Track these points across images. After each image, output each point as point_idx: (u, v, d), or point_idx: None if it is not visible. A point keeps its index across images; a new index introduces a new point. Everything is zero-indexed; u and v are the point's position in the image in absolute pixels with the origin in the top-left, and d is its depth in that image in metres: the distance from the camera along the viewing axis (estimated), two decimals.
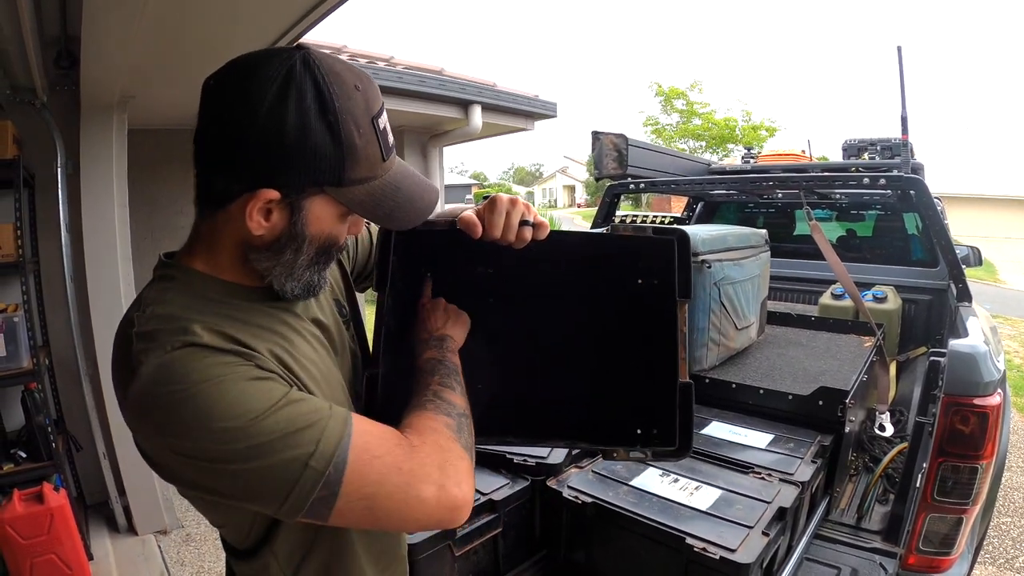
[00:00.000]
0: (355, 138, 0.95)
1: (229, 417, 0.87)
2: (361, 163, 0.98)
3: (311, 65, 0.94)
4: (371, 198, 1.02)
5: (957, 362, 2.19)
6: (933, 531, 2.22)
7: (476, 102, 5.62)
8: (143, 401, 0.90)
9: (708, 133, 25.17)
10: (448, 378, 1.15)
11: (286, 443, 0.89)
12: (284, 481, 0.89)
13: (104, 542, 4.09)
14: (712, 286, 2.75)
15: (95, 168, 3.89)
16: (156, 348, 0.91)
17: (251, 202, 0.95)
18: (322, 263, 1.08)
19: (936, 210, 3.46)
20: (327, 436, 0.91)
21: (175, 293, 1.00)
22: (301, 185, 0.96)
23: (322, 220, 1.01)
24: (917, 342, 4.26)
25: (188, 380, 0.88)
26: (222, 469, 0.89)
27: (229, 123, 0.94)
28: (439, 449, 1.00)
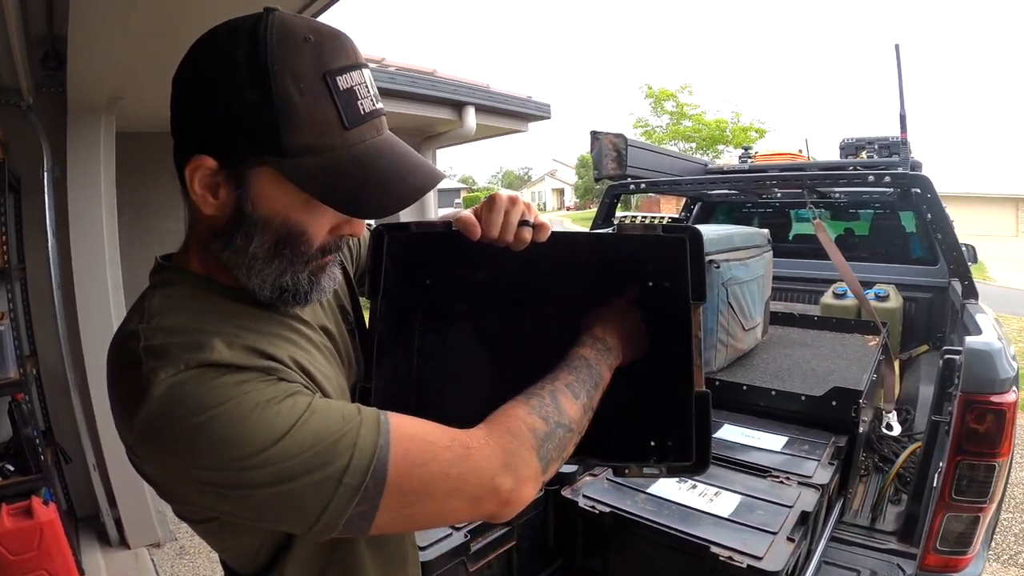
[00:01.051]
0: (292, 95, 0.80)
1: (254, 442, 0.77)
2: (304, 127, 0.81)
3: (261, 21, 0.82)
4: (325, 174, 0.83)
5: (973, 360, 2.16)
6: (950, 530, 2.19)
7: (470, 103, 5.58)
8: (156, 426, 0.78)
9: (698, 134, 25.39)
10: (579, 384, 1.07)
11: (316, 461, 0.79)
12: (317, 501, 0.79)
13: (96, 556, 4.01)
14: (720, 286, 2.71)
15: (82, 172, 3.81)
16: (168, 366, 0.79)
17: (188, 171, 0.84)
18: (285, 259, 0.90)
19: (942, 207, 3.45)
20: (361, 447, 0.81)
21: (181, 300, 0.90)
22: (237, 151, 0.83)
23: (273, 200, 0.86)
24: (918, 340, 4.25)
25: (207, 403, 0.77)
26: (248, 496, 0.79)
27: (177, 83, 0.87)
28: (503, 452, 0.90)
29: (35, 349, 4.01)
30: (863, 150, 4.95)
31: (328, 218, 0.91)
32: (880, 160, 4.59)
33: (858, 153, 4.95)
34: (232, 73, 0.80)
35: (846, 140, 5.16)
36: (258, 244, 0.87)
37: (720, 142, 25.18)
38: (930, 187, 3.47)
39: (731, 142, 24.56)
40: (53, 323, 3.90)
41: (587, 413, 1.06)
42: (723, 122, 25.47)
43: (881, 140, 4.89)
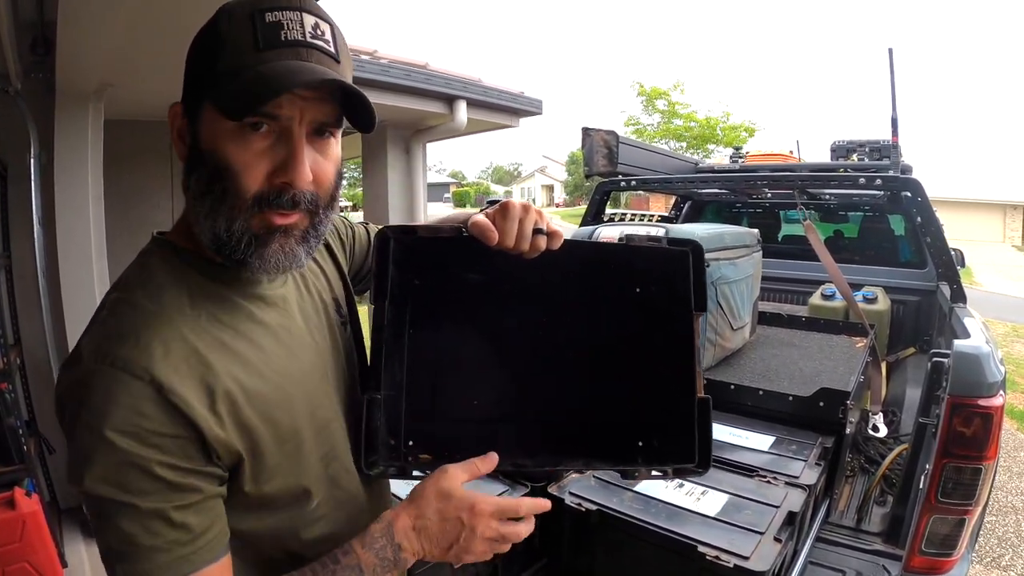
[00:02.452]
0: (223, 27, 0.88)
1: (99, 485, 0.83)
2: (227, 52, 0.87)
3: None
4: (231, 90, 0.85)
5: (961, 363, 2.17)
6: (936, 532, 2.20)
7: (461, 97, 5.56)
8: (68, 404, 0.86)
9: (689, 133, 25.42)
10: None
11: (119, 545, 0.85)
12: (107, 555, 0.87)
13: (79, 548, 3.96)
14: (709, 285, 2.70)
15: (70, 160, 3.77)
16: (99, 353, 0.86)
17: (170, 119, 0.94)
18: (214, 200, 0.89)
19: (932, 211, 3.46)
20: (156, 568, 0.85)
21: (151, 273, 0.94)
22: (192, 91, 0.91)
23: (210, 130, 0.89)
24: (906, 343, 4.28)
25: (99, 413, 0.82)
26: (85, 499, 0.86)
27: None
28: None
29: (19, 338, 3.97)
30: (854, 153, 4.96)
31: (263, 159, 0.89)
32: (871, 163, 4.60)
33: (849, 156, 4.96)
34: (200, 33, 0.91)
35: (837, 142, 5.17)
36: (197, 180, 0.91)
37: (711, 141, 25.24)
38: (920, 191, 3.48)
39: (722, 141, 24.62)
40: (38, 312, 3.86)
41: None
42: (714, 121, 25.53)
43: (872, 143, 4.90)
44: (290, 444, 1.00)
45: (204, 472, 0.88)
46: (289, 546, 1.04)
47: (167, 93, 3.78)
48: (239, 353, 0.94)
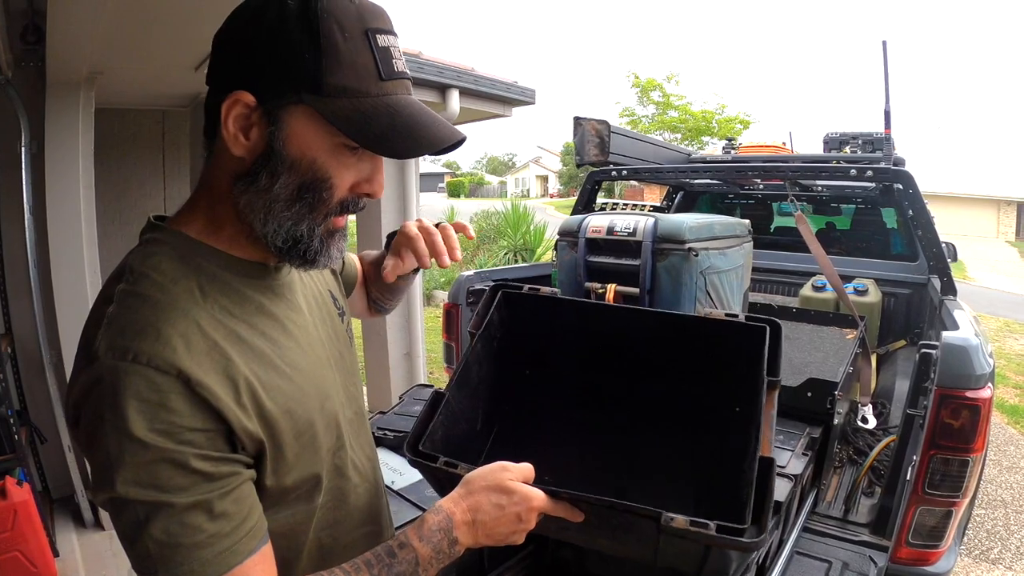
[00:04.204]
0: (337, 38, 0.86)
1: (132, 488, 0.80)
2: (345, 69, 0.87)
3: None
4: (360, 115, 0.88)
5: (950, 355, 2.17)
6: (923, 524, 2.21)
7: (454, 86, 5.54)
8: (88, 404, 0.83)
9: (684, 125, 25.44)
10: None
11: (160, 546, 0.81)
12: (142, 565, 0.83)
13: (70, 538, 3.97)
14: (699, 275, 2.70)
15: (60, 148, 3.75)
16: (118, 348, 0.83)
17: (225, 108, 0.88)
18: (305, 205, 0.93)
19: (923, 203, 3.46)
20: (201, 565, 0.83)
21: (163, 263, 0.92)
22: (277, 88, 0.87)
23: (304, 140, 0.89)
24: (896, 335, 4.28)
25: (128, 417, 0.80)
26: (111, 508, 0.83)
27: (219, 36, 0.91)
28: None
29: (10, 327, 3.96)
30: (847, 145, 4.97)
31: (352, 172, 0.94)
32: (863, 155, 4.60)
33: (842, 148, 4.97)
34: (282, 15, 0.85)
35: (830, 134, 5.17)
36: (282, 184, 0.90)
37: (705, 133, 25.24)
38: (912, 183, 3.48)
39: (716, 133, 24.63)
40: (29, 301, 3.85)
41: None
42: (709, 113, 25.53)
43: (865, 136, 4.91)
44: (306, 436, 1.00)
45: (236, 459, 0.88)
46: (298, 541, 1.04)
47: (157, 81, 3.78)
48: (254, 346, 0.95)
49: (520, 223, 15.35)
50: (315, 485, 1.04)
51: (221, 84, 0.90)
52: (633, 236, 2.72)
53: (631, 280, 2.74)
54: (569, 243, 2.96)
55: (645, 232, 2.69)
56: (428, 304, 10.91)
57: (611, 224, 2.81)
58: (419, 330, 6.12)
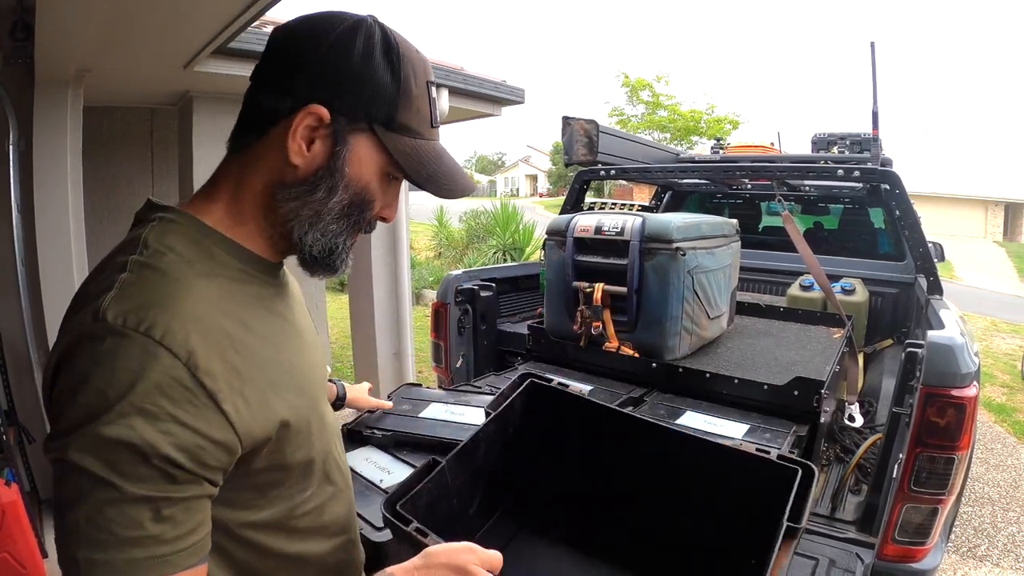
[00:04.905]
0: (411, 83, 0.97)
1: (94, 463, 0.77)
2: (412, 112, 0.98)
3: (380, 22, 0.98)
4: (416, 154, 1.00)
5: (935, 353, 2.17)
6: (909, 521, 2.21)
7: (443, 85, 5.54)
8: (72, 352, 0.82)
9: (673, 125, 25.46)
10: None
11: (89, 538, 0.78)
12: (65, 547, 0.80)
13: None
14: (686, 274, 2.72)
15: (48, 146, 3.75)
16: (130, 315, 0.81)
17: (299, 118, 0.93)
18: (350, 221, 1.01)
19: (910, 203, 3.48)
20: (127, 563, 0.78)
21: (181, 242, 0.93)
22: (353, 112, 0.95)
23: (363, 164, 0.98)
24: (883, 334, 4.30)
25: (117, 382, 0.78)
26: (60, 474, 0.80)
27: (293, 47, 0.96)
28: None
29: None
30: (835, 145, 4.98)
31: (384, 198, 1.05)
32: (851, 156, 4.62)
33: (830, 148, 4.98)
34: (368, 49, 0.94)
35: (818, 135, 5.19)
36: (338, 200, 0.98)
37: (694, 133, 25.29)
38: (899, 183, 3.50)
39: (705, 133, 24.67)
40: (16, 300, 3.84)
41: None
42: (698, 113, 25.58)
43: (853, 136, 4.93)
44: (304, 435, 1.02)
45: (206, 470, 0.84)
46: (276, 544, 1.02)
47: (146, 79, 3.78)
48: (260, 339, 0.96)
49: (509, 222, 15.34)
50: (302, 481, 1.05)
51: (285, 88, 0.95)
52: (621, 235, 2.73)
53: (619, 279, 2.75)
54: (557, 242, 2.98)
55: (633, 231, 2.70)
56: (417, 303, 10.91)
57: (599, 224, 2.82)
58: (407, 329, 6.12)
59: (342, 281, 12.35)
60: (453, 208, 19.56)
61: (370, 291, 5.96)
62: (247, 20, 2.93)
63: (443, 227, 18.16)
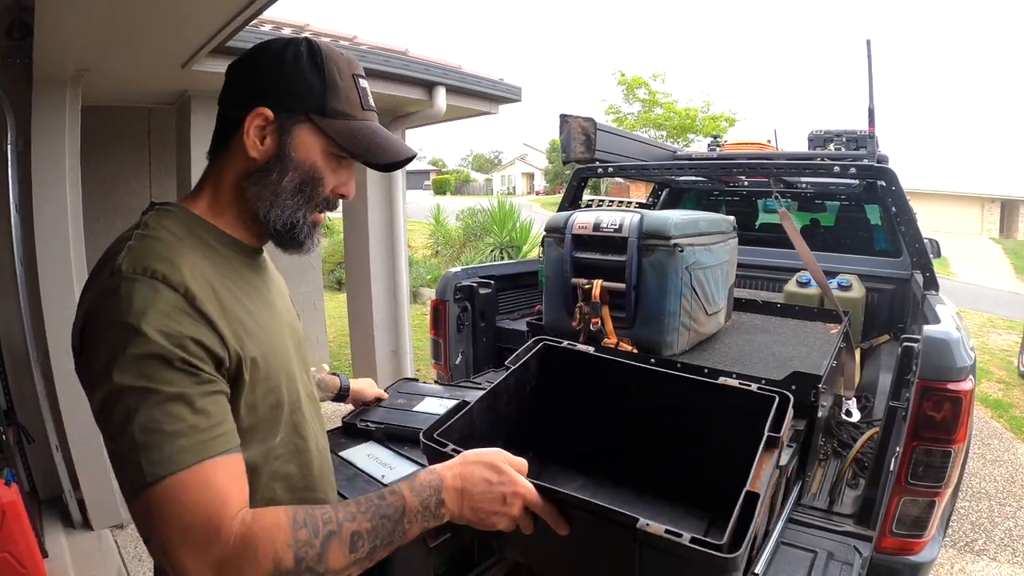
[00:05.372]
0: (337, 78, 1.19)
1: (128, 378, 0.96)
2: (341, 99, 1.19)
3: (309, 38, 1.21)
4: (350, 132, 1.20)
5: (931, 348, 2.19)
6: (906, 514, 2.23)
7: (441, 84, 5.55)
8: (105, 304, 1.01)
9: (669, 123, 25.43)
10: (369, 539, 1.07)
11: (144, 432, 0.95)
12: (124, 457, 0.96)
13: (59, 538, 3.96)
14: (684, 271, 2.72)
15: (47, 146, 3.75)
16: (138, 265, 1.03)
17: (249, 120, 1.15)
18: (304, 196, 1.21)
19: (906, 199, 3.49)
20: (172, 458, 0.95)
21: (175, 222, 1.15)
22: (290, 108, 1.17)
23: (307, 147, 1.19)
24: (880, 330, 4.31)
25: (139, 313, 0.98)
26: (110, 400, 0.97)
27: (241, 70, 1.21)
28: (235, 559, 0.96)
29: None
30: (831, 142, 4.99)
31: (334, 176, 1.25)
32: (847, 153, 4.63)
33: (826, 145, 4.99)
34: (296, 56, 1.18)
35: (815, 132, 5.20)
36: (290, 179, 1.19)
37: (691, 131, 25.26)
38: (895, 180, 3.51)
39: (701, 131, 24.65)
40: (15, 299, 3.85)
41: (359, 565, 1.07)
42: (694, 111, 25.57)
43: (849, 133, 4.94)
44: (272, 381, 1.19)
45: (219, 375, 1.06)
46: (252, 483, 1.10)
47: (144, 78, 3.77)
48: (239, 299, 1.17)
49: (506, 220, 15.31)
50: (273, 427, 1.21)
51: (240, 102, 1.17)
52: (619, 232, 2.74)
53: (617, 276, 2.76)
54: (556, 239, 2.98)
55: (631, 228, 2.71)
56: (415, 301, 10.91)
57: (597, 220, 2.83)
58: (406, 327, 6.13)
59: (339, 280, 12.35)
60: (450, 207, 19.55)
61: (368, 289, 5.97)
62: (245, 19, 2.93)
63: (440, 225, 18.12)
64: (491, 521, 1.17)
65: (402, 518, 1.09)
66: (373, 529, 1.06)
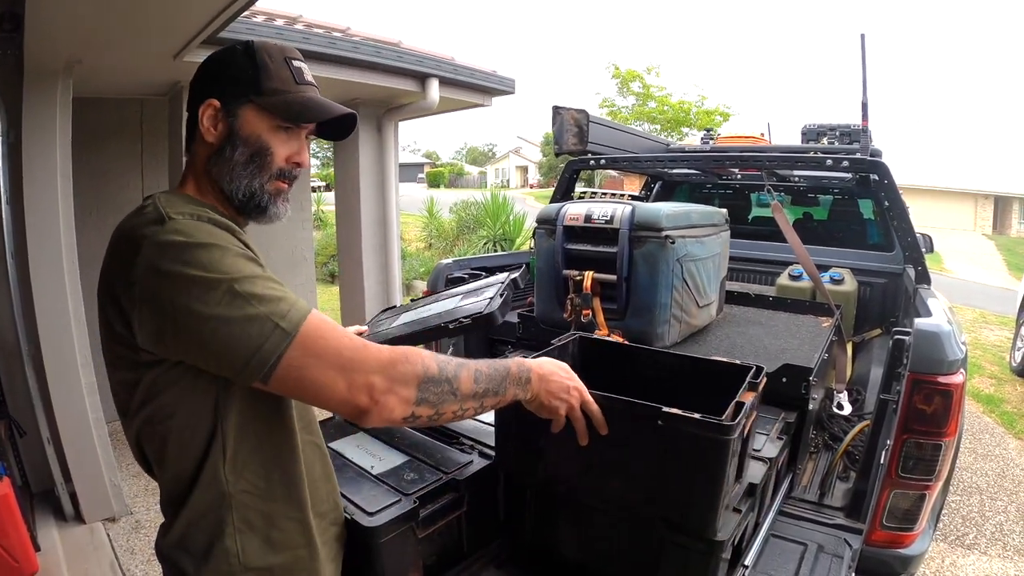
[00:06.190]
0: (267, 61, 1.32)
1: (233, 270, 1.13)
2: (273, 78, 1.32)
3: (250, 40, 1.36)
4: (285, 103, 1.33)
5: (922, 340, 2.19)
6: (896, 507, 2.24)
7: (433, 75, 5.54)
8: (169, 239, 1.13)
9: (663, 116, 25.39)
10: (486, 380, 1.34)
11: (267, 303, 1.13)
12: (256, 336, 1.11)
13: (51, 532, 3.95)
14: (675, 262, 2.72)
15: (38, 138, 3.73)
16: (186, 213, 1.19)
17: (202, 110, 1.31)
18: (256, 167, 1.34)
19: (898, 192, 3.49)
20: (296, 308, 1.15)
21: (183, 201, 1.26)
22: (233, 94, 1.31)
23: (252, 124, 1.32)
24: (872, 324, 4.31)
25: (209, 239, 1.15)
26: (209, 315, 1.09)
27: (196, 76, 1.36)
28: (391, 363, 1.19)
29: None
30: (824, 136, 4.99)
31: (285, 146, 1.37)
32: (840, 147, 4.64)
33: (819, 139, 4.99)
34: (233, 53, 1.33)
35: (808, 126, 5.20)
36: (240, 153, 1.32)
37: (685, 124, 25.22)
38: (887, 174, 3.51)
39: (695, 125, 24.62)
40: (7, 292, 3.83)
41: (475, 400, 1.33)
42: (687, 105, 25.55)
43: (843, 127, 4.95)
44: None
45: None
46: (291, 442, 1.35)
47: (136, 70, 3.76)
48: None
49: (499, 213, 15.34)
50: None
51: (195, 100, 1.33)
52: (611, 224, 2.74)
53: (608, 267, 2.76)
54: (547, 231, 2.98)
55: (622, 220, 2.71)
56: (407, 294, 10.89)
57: (589, 212, 2.82)
58: None
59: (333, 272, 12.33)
60: (444, 199, 19.52)
61: (360, 282, 5.97)
62: (237, 10, 2.91)
63: (433, 218, 18.12)
64: (554, 405, 1.47)
65: (506, 378, 1.38)
66: (489, 375, 1.34)
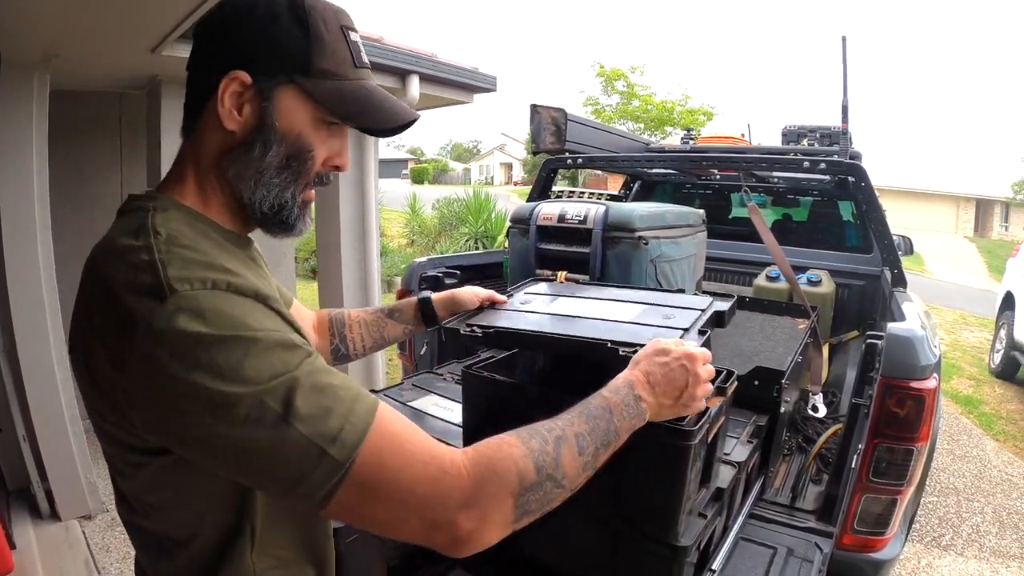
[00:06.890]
0: (322, 31, 1.01)
1: (264, 372, 0.84)
2: (327, 56, 1.02)
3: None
4: (339, 95, 1.03)
5: (895, 345, 2.19)
6: (868, 511, 2.23)
7: (414, 72, 5.50)
8: (174, 329, 0.82)
9: (647, 115, 25.47)
10: (590, 439, 1.06)
11: (310, 421, 0.84)
12: (300, 461, 0.83)
13: (27, 529, 3.93)
14: (648, 263, 2.71)
15: (13, 132, 3.70)
16: (195, 280, 0.87)
17: (223, 86, 0.98)
18: (291, 173, 1.05)
19: (875, 195, 3.50)
20: (351, 422, 0.87)
21: (181, 224, 0.97)
22: (271, 69, 1.00)
23: (292, 115, 1.02)
24: (849, 326, 4.32)
25: (233, 323, 0.85)
26: (235, 424, 0.82)
27: (210, 29, 1.03)
28: (478, 490, 0.91)
29: None
30: (805, 138, 5.00)
31: (325, 146, 1.08)
32: (819, 148, 4.65)
33: (800, 140, 5.00)
34: (272, 9, 0.99)
35: (788, 127, 5.21)
36: (274, 154, 1.02)
37: (668, 123, 25.32)
38: (864, 176, 3.52)
39: (678, 124, 24.71)
40: None
41: (587, 472, 1.06)
42: (671, 104, 25.64)
43: (823, 129, 4.95)
44: None
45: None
46: None
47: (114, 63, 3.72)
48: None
49: (482, 210, 15.35)
50: None
51: (211, 66, 1.00)
52: (584, 224, 2.73)
53: (581, 267, 2.75)
54: (520, 230, 2.97)
55: (595, 220, 2.70)
56: (388, 291, 10.88)
57: (562, 212, 2.82)
58: None
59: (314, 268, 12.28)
60: (427, 196, 19.51)
61: (339, 278, 5.93)
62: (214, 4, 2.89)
63: (415, 215, 18.11)
64: (691, 398, 1.24)
65: (611, 416, 1.11)
66: (591, 429, 1.07)
